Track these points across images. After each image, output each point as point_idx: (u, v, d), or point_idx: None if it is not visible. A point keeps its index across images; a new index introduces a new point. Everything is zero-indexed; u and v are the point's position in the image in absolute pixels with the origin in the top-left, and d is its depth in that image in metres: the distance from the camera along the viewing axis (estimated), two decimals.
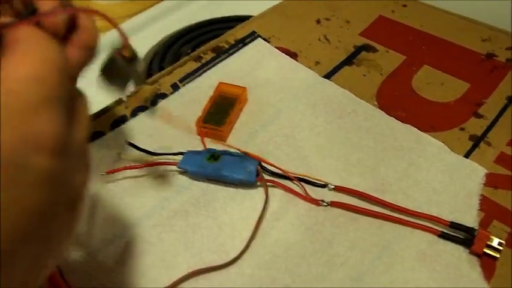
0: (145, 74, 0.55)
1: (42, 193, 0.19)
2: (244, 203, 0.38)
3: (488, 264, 0.33)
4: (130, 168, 0.39)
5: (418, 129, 0.42)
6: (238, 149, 0.41)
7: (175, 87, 0.47)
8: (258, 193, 0.39)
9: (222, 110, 0.43)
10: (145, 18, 0.70)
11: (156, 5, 0.72)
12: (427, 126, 0.42)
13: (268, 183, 0.39)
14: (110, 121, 0.44)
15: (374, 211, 0.36)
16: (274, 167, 0.39)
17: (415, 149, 0.40)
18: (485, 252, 0.33)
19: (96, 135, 0.43)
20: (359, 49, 0.51)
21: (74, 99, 0.23)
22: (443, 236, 0.35)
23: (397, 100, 0.45)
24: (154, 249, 0.35)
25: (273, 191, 0.39)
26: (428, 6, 0.56)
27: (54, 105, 0.20)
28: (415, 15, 0.54)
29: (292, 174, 0.39)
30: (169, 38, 0.64)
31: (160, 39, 0.64)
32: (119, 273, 0.34)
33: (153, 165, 0.40)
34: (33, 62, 0.20)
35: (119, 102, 0.46)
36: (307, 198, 0.38)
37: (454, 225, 0.35)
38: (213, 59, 0.50)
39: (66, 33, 0.24)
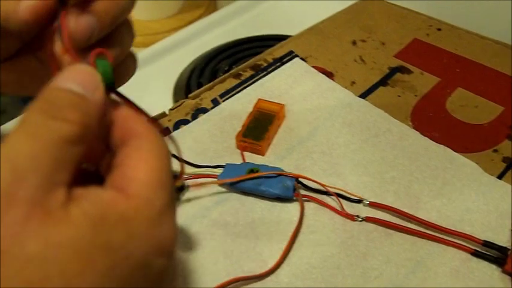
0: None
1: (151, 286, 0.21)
2: (281, 215, 0.40)
3: None
4: None
5: (452, 149, 0.43)
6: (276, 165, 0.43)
7: (215, 103, 0.49)
8: (294, 206, 0.40)
9: (261, 126, 0.45)
10: (185, 35, 0.72)
11: (194, 23, 0.75)
12: (460, 147, 0.43)
13: (304, 198, 0.40)
14: None
15: (408, 227, 0.37)
16: (312, 181, 0.41)
17: (449, 169, 0.41)
18: None
19: None
20: (394, 70, 0.52)
21: None
22: (476, 254, 0.36)
23: (431, 121, 0.46)
24: (195, 256, 0.37)
25: (308, 205, 0.40)
26: (463, 31, 0.57)
27: (173, 209, 0.21)
28: (450, 39, 0.56)
29: (329, 189, 0.40)
30: (207, 55, 0.67)
31: (198, 55, 0.67)
32: None
33: (194, 177, 0.42)
34: (157, 168, 0.21)
35: (162, 115, 0.48)
36: (343, 213, 0.39)
37: (487, 244, 0.36)
38: (252, 77, 0.52)
39: None
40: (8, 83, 0.34)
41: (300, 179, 0.41)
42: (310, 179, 0.41)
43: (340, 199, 0.40)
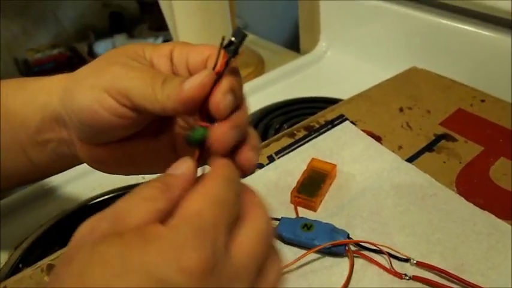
0: None
1: None
2: (332, 269, 0.42)
3: None
4: None
5: (496, 216, 0.45)
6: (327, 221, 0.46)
7: (271, 159, 0.53)
8: (344, 261, 0.43)
9: (314, 183, 0.48)
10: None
11: (247, 83, 0.81)
12: (504, 214, 0.46)
13: (354, 254, 0.43)
14: None
15: None
16: (363, 242, 0.43)
17: (493, 234, 0.44)
18: None
19: None
20: (439, 137, 0.55)
21: None
22: None
23: (476, 188, 0.49)
24: None
25: (358, 261, 0.43)
26: (505, 103, 0.60)
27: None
28: (493, 110, 0.59)
29: (380, 247, 0.43)
30: (259, 112, 0.71)
31: (252, 112, 0.72)
32: None
33: None
34: (201, 202, 0.25)
35: None
36: (391, 271, 0.41)
37: None
38: (305, 136, 0.56)
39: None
40: (108, 162, 0.38)
41: (351, 236, 0.44)
42: (360, 241, 0.43)
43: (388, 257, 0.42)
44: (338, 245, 0.43)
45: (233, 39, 0.29)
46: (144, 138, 0.37)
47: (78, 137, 0.37)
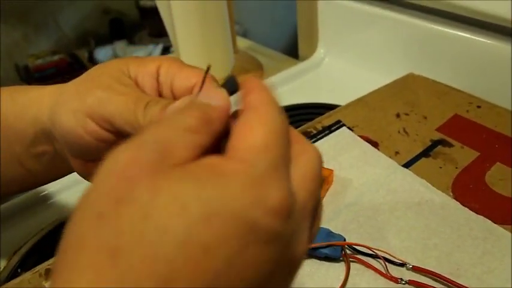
0: None
1: (266, 253, 0.20)
2: (329, 274, 0.43)
3: None
4: None
5: (492, 221, 0.46)
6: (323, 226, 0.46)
7: None
8: (340, 266, 0.43)
9: None
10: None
11: None
12: (500, 219, 0.46)
13: (350, 259, 0.43)
14: None
15: None
16: (359, 245, 0.44)
17: (488, 239, 0.44)
18: None
19: None
20: (435, 143, 0.56)
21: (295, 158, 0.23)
22: None
23: (471, 192, 0.49)
24: None
25: (354, 266, 0.43)
26: (502, 109, 0.60)
27: (282, 172, 0.21)
28: (489, 116, 0.59)
29: (376, 251, 0.43)
30: None
31: None
32: None
33: None
34: (262, 133, 0.21)
35: None
36: (387, 275, 0.42)
37: None
38: None
39: None
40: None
41: (347, 241, 0.44)
42: (357, 244, 0.44)
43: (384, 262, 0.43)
44: (334, 249, 0.43)
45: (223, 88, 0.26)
46: None
47: (69, 152, 0.37)
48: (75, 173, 0.43)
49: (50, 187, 0.64)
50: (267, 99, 0.23)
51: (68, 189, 0.64)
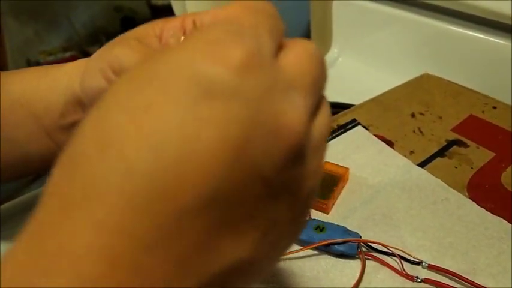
0: None
1: (228, 109, 0.18)
2: (344, 271, 0.43)
3: None
4: None
5: (507, 221, 0.46)
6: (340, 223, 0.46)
7: None
8: (356, 263, 0.43)
9: (326, 186, 0.49)
10: None
11: None
12: None
13: (366, 256, 0.43)
14: None
15: None
16: (375, 242, 0.44)
17: (504, 239, 0.44)
18: None
19: None
20: (451, 143, 0.56)
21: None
22: None
23: (487, 193, 0.49)
24: None
25: (369, 263, 0.43)
26: None
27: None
28: (504, 117, 0.59)
29: (392, 249, 0.43)
30: None
31: None
32: None
33: None
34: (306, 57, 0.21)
35: None
36: (403, 273, 0.42)
37: None
38: None
39: None
40: None
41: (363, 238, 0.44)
42: (372, 241, 0.44)
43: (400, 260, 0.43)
44: (350, 247, 0.43)
45: None
46: None
47: None
48: None
49: None
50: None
51: None
